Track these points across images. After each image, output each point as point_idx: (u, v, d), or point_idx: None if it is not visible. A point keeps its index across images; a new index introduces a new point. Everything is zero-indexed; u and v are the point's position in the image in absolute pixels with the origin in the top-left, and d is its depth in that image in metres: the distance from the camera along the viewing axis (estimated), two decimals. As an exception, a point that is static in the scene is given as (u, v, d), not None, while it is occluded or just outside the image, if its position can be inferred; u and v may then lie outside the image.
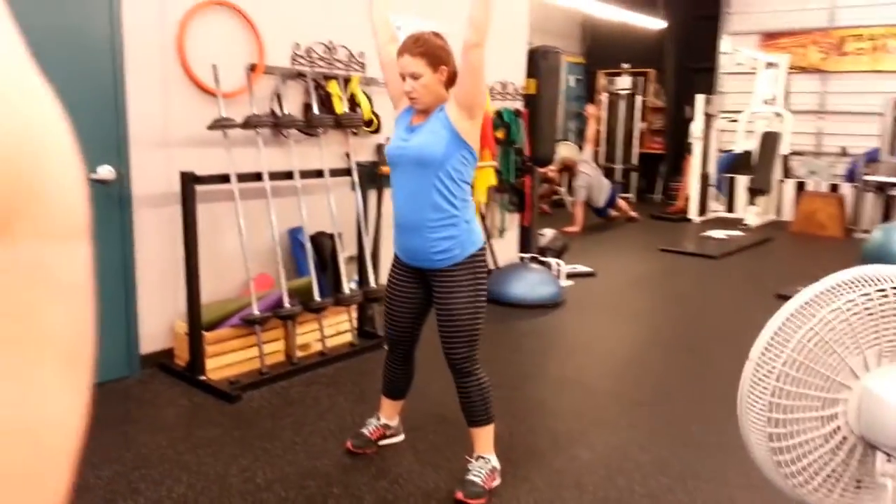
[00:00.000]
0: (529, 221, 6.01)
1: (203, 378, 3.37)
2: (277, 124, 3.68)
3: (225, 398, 3.25)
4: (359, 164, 4.13)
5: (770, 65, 8.72)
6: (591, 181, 8.54)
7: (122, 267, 3.37)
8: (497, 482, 2.61)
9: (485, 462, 2.58)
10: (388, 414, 2.87)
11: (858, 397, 1.38)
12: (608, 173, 11.06)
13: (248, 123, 3.49)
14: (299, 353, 3.74)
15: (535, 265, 5.48)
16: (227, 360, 3.47)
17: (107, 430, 2.92)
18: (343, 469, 2.70)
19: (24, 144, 0.29)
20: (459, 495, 2.48)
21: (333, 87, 4.02)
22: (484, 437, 2.59)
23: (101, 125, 3.21)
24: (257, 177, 3.57)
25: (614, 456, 2.84)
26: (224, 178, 3.44)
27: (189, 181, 3.28)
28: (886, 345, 1.37)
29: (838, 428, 1.40)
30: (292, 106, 3.94)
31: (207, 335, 3.41)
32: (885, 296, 1.34)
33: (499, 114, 5.58)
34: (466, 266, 2.43)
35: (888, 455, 1.35)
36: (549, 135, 6.39)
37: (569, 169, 9.09)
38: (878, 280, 1.36)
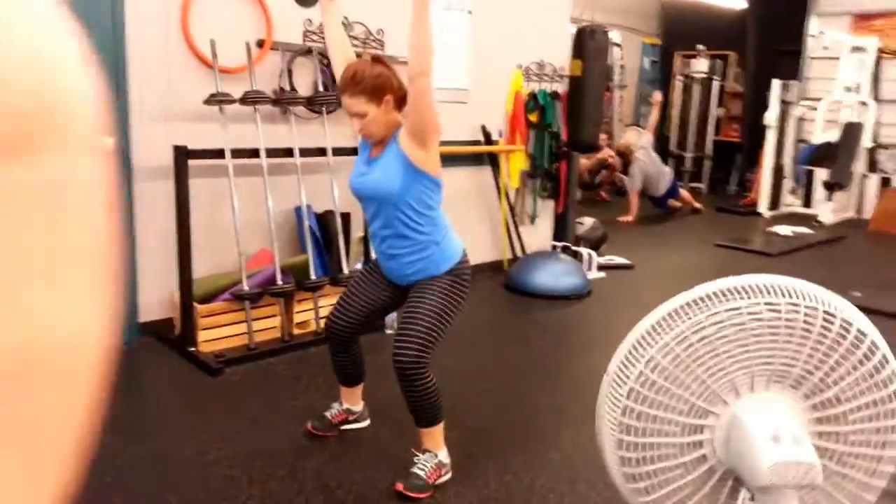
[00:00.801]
0: (564, 208, 5.80)
1: (192, 350, 3.43)
2: (276, 101, 3.66)
3: (208, 371, 3.30)
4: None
5: (856, 48, 8.02)
6: (648, 169, 8.16)
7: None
8: (445, 477, 2.53)
9: (431, 456, 2.49)
10: (349, 399, 2.83)
11: (727, 425, 1.21)
12: (678, 162, 10.56)
13: (246, 99, 3.50)
14: (296, 331, 3.76)
15: (563, 255, 5.28)
16: (219, 333, 3.52)
17: (87, 394, 3.02)
18: (296, 451, 2.68)
19: (43, 58, 0.30)
20: (399, 486, 2.41)
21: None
22: (431, 434, 2.49)
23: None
24: (255, 153, 3.58)
25: (582, 459, 2.69)
26: (219, 154, 3.46)
27: (181, 155, 3.32)
28: (759, 368, 1.18)
29: (704, 457, 1.23)
30: (304, 83, 3.93)
31: (200, 308, 3.46)
32: (758, 312, 1.16)
33: (533, 96, 5.37)
34: (440, 279, 2.40)
35: (751, 494, 1.17)
36: (594, 119, 6.12)
37: (624, 156, 8.72)
38: (754, 292, 1.17)
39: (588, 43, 5.93)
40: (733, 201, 9.52)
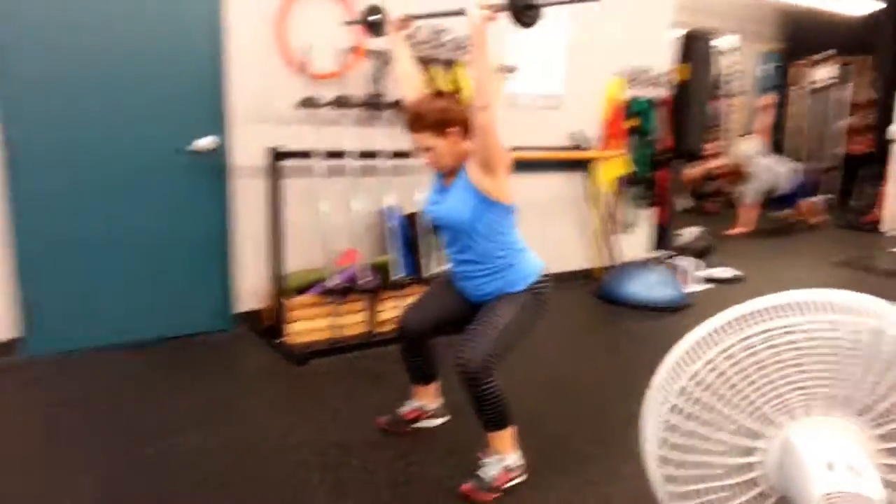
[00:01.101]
0: (663, 218, 5.61)
1: (281, 340, 3.60)
2: (366, 105, 3.77)
3: (295, 361, 3.45)
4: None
5: None
6: (765, 179, 7.65)
7: (219, 231, 3.68)
8: (515, 481, 2.51)
9: (499, 460, 2.48)
10: (422, 397, 2.86)
11: (781, 449, 1.14)
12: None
13: (336, 103, 3.63)
14: (380, 328, 3.85)
15: (659, 265, 5.11)
16: (306, 325, 3.66)
17: (185, 374, 3.23)
18: (370, 444, 2.75)
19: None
20: (465, 488, 2.42)
21: (434, 72, 4.04)
22: (498, 439, 2.48)
23: (203, 99, 3.51)
24: (344, 155, 3.71)
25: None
26: (310, 155, 3.61)
27: (274, 156, 3.49)
28: (816, 390, 1.11)
29: (755, 481, 1.17)
30: (393, 88, 4.02)
31: (290, 301, 3.62)
32: (816, 331, 1.08)
33: (632, 101, 5.23)
34: (516, 295, 2.43)
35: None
36: (698, 126, 5.92)
37: (736, 168, 8.29)
38: (813, 308, 1.10)
39: (696, 47, 5.74)
40: (855, 217, 8.85)
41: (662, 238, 5.57)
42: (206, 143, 3.51)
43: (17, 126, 3.07)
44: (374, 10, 2.91)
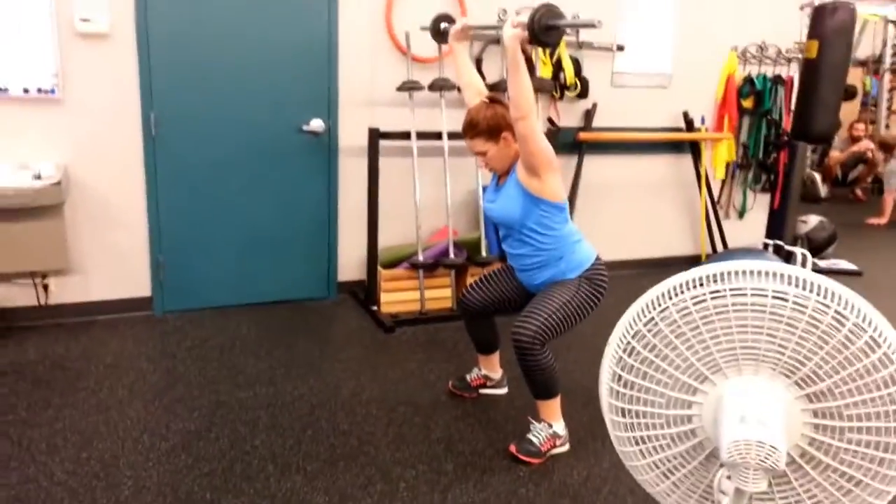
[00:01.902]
0: (780, 204, 5.32)
1: (374, 309, 3.90)
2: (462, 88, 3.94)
3: (383, 328, 3.73)
4: (552, 129, 4.20)
5: None
6: None
7: (326, 206, 4.03)
8: (561, 449, 2.63)
9: (546, 426, 2.61)
10: (486, 366, 3.04)
11: (713, 405, 1.21)
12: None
13: (433, 86, 3.84)
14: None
15: (769, 253, 4.88)
16: (397, 297, 3.93)
17: (286, 334, 3.62)
18: (435, 405, 2.97)
19: None
20: (512, 448, 2.58)
21: (537, 51, 4.13)
22: (547, 407, 2.61)
23: (317, 84, 3.85)
24: (438, 136, 3.92)
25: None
26: (406, 136, 3.86)
27: (374, 136, 3.77)
28: (743, 352, 1.16)
29: (693, 432, 1.24)
30: (492, 71, 4.16)
31: (383, 273, 3.91)
32: (742, 297, 1.14)
33: (749, 80, 5.01)
34: (571, 280, 2.56)
35: (728, 474, 1.16)
36: (830, 106, 5.50)
37: (889, 149, 7.60)
38: (744, 276, 1.16)
39: (828, 21, 5.34)
40: None
41: (778, 225, 5.29)
42: (317, 124, 3.86)
43: (162, 107, 3.56)
44: (443, 17, 3.06)
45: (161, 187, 3.66)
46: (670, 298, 1.21)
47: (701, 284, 1.20)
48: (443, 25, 3.03)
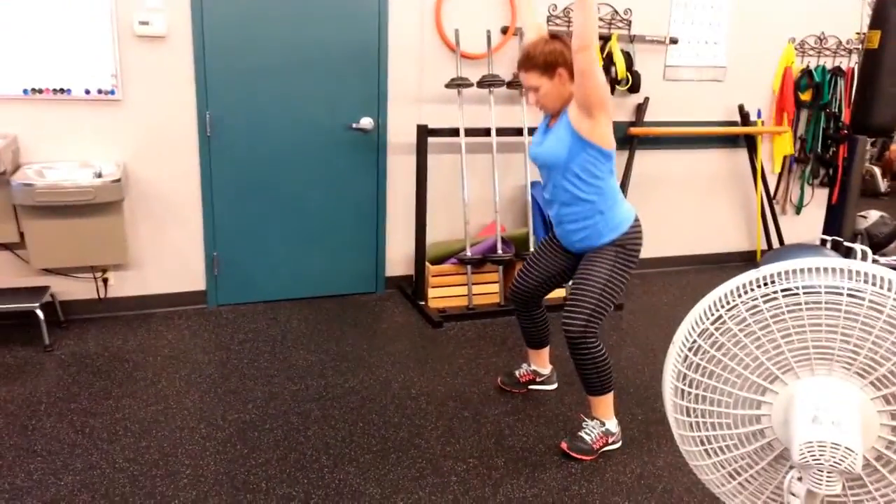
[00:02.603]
0: (839, 199, 5.14)
1: (422, 304, 3.91)
2: (510, 84, 3.92)
3: (431, 323, 3.74)
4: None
5: None
6: None
7: (375, 202, 4.06)
8: (613, 447, 2.60)
9: (599, 424, 2.58)
10: (535, 361, 3.02)
11: (784, 405, 1.17)
12: None
13: (482, 83, 3.83)
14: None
15: (827, 249, 4.72)
16: (445, 292, 3.94)
17: (336, 328, 3.66)
18: (483, 399, 2.97)
19: None
20: (564, 445, 2.56)
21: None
22: (599, 404, 2.58)
23: (366, 82, 3.88)
24: (487, 132, 3.90)
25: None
26: (455, 132, 3.85)
27: (423, 132, 3.78)
28: (816, 351, 1.12)
29: (762, 432, 1.21)
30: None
31: (431, 268, 3.92)
32: (817, 295, 1.10)
33: (808, 72, 4.85)
34: (607, 250, 2.49)
35: (800, 474, 1.13)
36: (892, 99, 5.31)
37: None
38: (816, 273, 1.12)
39: (892, 11, 5.15)
40: None
41: (836, 220, 5.12)
42: (366, 121, 3.89)
43: (216, 107, 3.63)
44: None
45: (215, 184, 3.73)
46: (739, 296, 1.18)
47: (772, 282, 1.16)
48: None
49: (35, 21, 3.26)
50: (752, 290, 1.18)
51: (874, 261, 3.68)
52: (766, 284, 1.17)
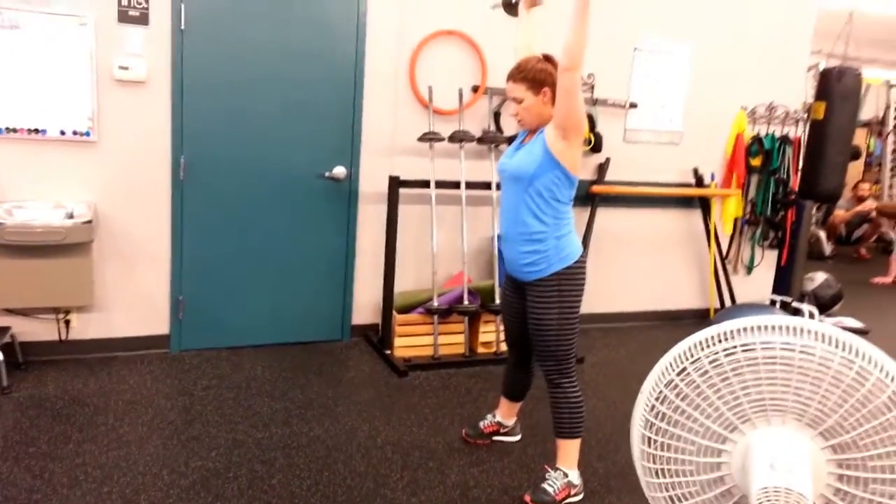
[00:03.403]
0: (788, 260, 5.41)
1: (388, 352, 3.95)
2: (481, 140, 4.08)
3: (396, 372, 3.77)
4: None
5: None
6: None
7: (344, 250, 4.12)
8: (575, 499, 2.65)
9: (562, 475, 2.64)
10: (504, 413, 3.07)
11: (742, 453, 1.26)
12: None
13: (453, 137, 3.97)
14: (481, 350, 4.09)
15: (776, 309, 4.94)
16: (411, 341, 3.98)
17: (300, 375, 3.66)
18: (449, 450, 3.00)
19: None
20: (527, 498, 2.60)
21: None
22: (566, 450, 2.64)
23: (341, 134, 3.98)
24: (457, 185, 4.03)
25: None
26: (426, 184, 3.97)
27: (394, 184, 3.88)
28: (771, 403, 1.22)
29: (723, 479, 1.29)
30: (510, 124, 4.30)
31: (398, 317, 3.97)
32: (772, 350, 1.20)
33: (758, 139, 5.15)
34: (553, 282, 2.54)
35: (757, 520, 1.21)
36: (836, 167, 5.64)
37: (889, 214, 7.72)
38: (772, 331, 1.22)
39: (834, 85, 5.52)
40: None
41: (785, 281, 5.37)
42: (339, 171, 3.98)
43: (191, 151, 3.67)
44: None
45: (186, 228, 3.75)
46: (702, 349, 1.28)
47: (731, 337, 1.26)
48: None
49: (12, 61, 3.30)
50: (714, 344, 1.28)
51: (820, 321, 3.87)
52: (725, 339, 1.27)
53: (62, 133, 3.42)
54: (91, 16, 3.37)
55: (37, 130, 3.38)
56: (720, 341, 1.27)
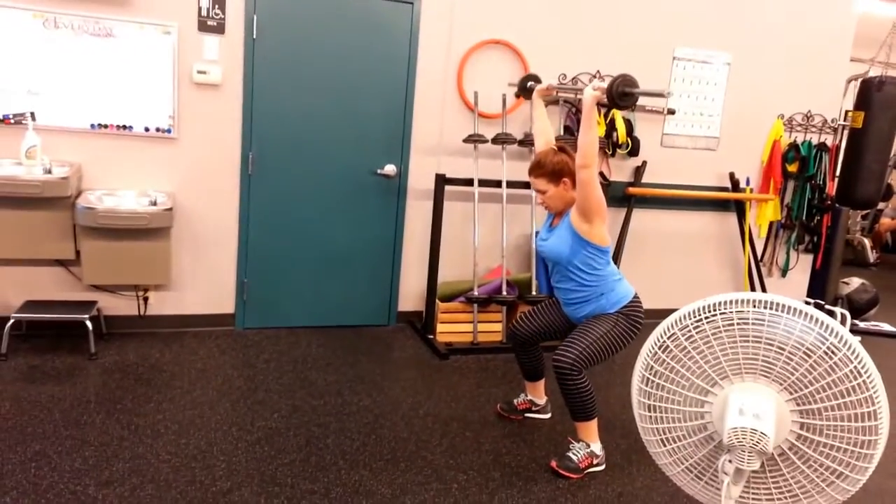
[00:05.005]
0: (822, 264, 5.53)
1: (431, 337, 4.27)
2: (521, 142, 4.36)
3: (438, 355, 4.09)
4: (602, 183, 4.55)
5: None
6: None
7: (393, 242, 4.45)
8: (598, 468, 2.92)
9: (584, 445, 2.91)
10: (532, 392, 3.36)
11: (723, 403, 1.53)
12: None
13: (496, 140, 4.27)
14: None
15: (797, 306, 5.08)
16: (452, 328, 4.30)
17: (351, 354, 4.01)
18: (484, 423, 3.30)
19: None
20: (553, 464, 2.89)
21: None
22: (585, 428, 2.92)
23: (392, 134, 4.32)
24: (498, 184, 4.32)
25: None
26: (469, 182, 4.27)
27: (441, 181, 4.20)
28: (746, 362, 1.49)
29: (705, 426, 1.56)
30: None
31: (441, 305, 4.28)
32: (745, 320, 1.47)
33: (794, 146, 5.29)
34: (609, 315, 2.89)
35: (729, 458, 1.47)
36: (873, 175, 5.75)
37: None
38: (747, 304, 1.49)
39: (874, 95, 5.63)
40: None
41: (819, 284, 5.49)
42: (390, 168, 4.32)
43: (259, 148, 4.06)
44: (531, 77, 3.50)
45: (252, 217, 4.14)
46: (689, 319, 1.55)
47: (714, 309, 1.53)
48: (529, 84, 3.44)
49: (105, 65, 3.72)
50: (699, 315, 1.54)
51: (853, 324, 4.09)
52: (710, 311, 1.54)
53: (146, 130, 3.84)
54: (175, 25, 3.78)
55: (125, 127, 3.81)
56: (704, 313, 1.54)
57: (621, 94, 2.61)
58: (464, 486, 2.72)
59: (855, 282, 5.76)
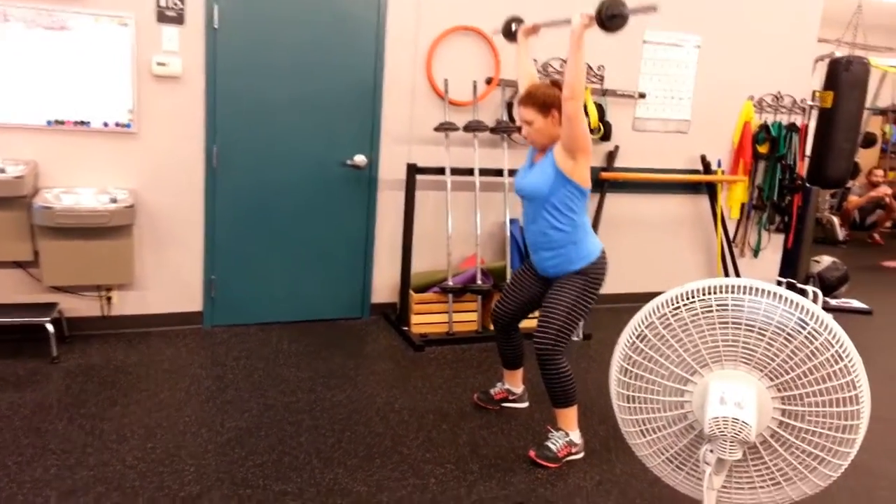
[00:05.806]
0: (794, 244, 5.57)
1: (405, 329, 4.20)
2: (494, 129, 4.30)
3: (413, 346, 4.03)
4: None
5: None
6: None
7: (365, 233, 4.37)
8: (576, 456, 2.89)
9: (563, 435, 2.88)
10: (510, 381, 3.32)
11: (703, 392, 1.48)
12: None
13: (468, 127, 4.20)
14: (490, 326, 4.32)
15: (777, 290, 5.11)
16: (427, 318, 4.23)
17: (324, 348, 3.93)
18: (461, 414, 3.25)
19: None
20: (532, 453, 2.85)
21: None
22: (565, 416, 2.88)
23: (361, 123, 4.22)
24: (470, 172, 4.26)
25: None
26: (441, 171, 4.20)
27: (412, 170, 4.12)
28: (726, 350, 1.44)
29: (685, 415, 1.52)
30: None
31: (415, 296, 4.22)
32: (724, 306, 1.43)
33: (765, 127, 5.30)
34: (574, 278, 2.82)
35: (711, 448, 1.43)
36: (843, 153, 5.81)
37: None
38: (725, 290, 1.44)
39: (842, 74, 5.67)
40: None
41: (791, 264, 5.53)
42: (360, 159, 4.22)
43: (223, 141, 3.94)
44: (515, 19, 3.35)
45: (218, 212, 4.02)
46: (667, 307, 1.50)
47: (692, 296, 1.49)
48: (513, 26, 3.31)
49: (60, 58, 3.57)
50: (678, 303, 1.50)
51: (825, 302, 4.10)
52: (688, 298, 1.50)
53: (105, 125, 3.70)
54: (132, 16, 3.64)
55: (82, 122, 3.67)
56: (683, 300, 1.50)
57: (611, 17, 2.55)
58: (441, 480, 2.67)
59: (826, 260, 5.81)
